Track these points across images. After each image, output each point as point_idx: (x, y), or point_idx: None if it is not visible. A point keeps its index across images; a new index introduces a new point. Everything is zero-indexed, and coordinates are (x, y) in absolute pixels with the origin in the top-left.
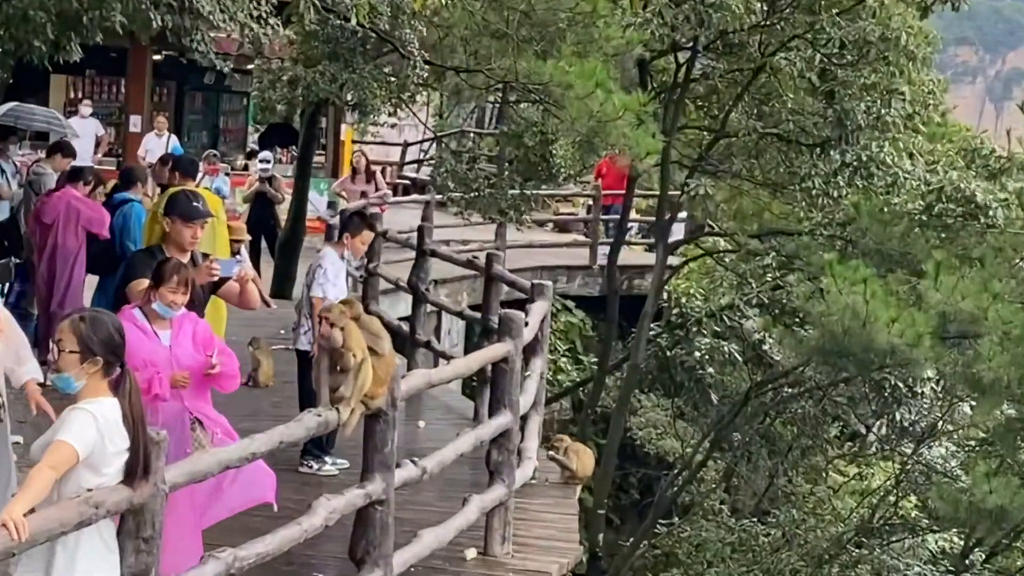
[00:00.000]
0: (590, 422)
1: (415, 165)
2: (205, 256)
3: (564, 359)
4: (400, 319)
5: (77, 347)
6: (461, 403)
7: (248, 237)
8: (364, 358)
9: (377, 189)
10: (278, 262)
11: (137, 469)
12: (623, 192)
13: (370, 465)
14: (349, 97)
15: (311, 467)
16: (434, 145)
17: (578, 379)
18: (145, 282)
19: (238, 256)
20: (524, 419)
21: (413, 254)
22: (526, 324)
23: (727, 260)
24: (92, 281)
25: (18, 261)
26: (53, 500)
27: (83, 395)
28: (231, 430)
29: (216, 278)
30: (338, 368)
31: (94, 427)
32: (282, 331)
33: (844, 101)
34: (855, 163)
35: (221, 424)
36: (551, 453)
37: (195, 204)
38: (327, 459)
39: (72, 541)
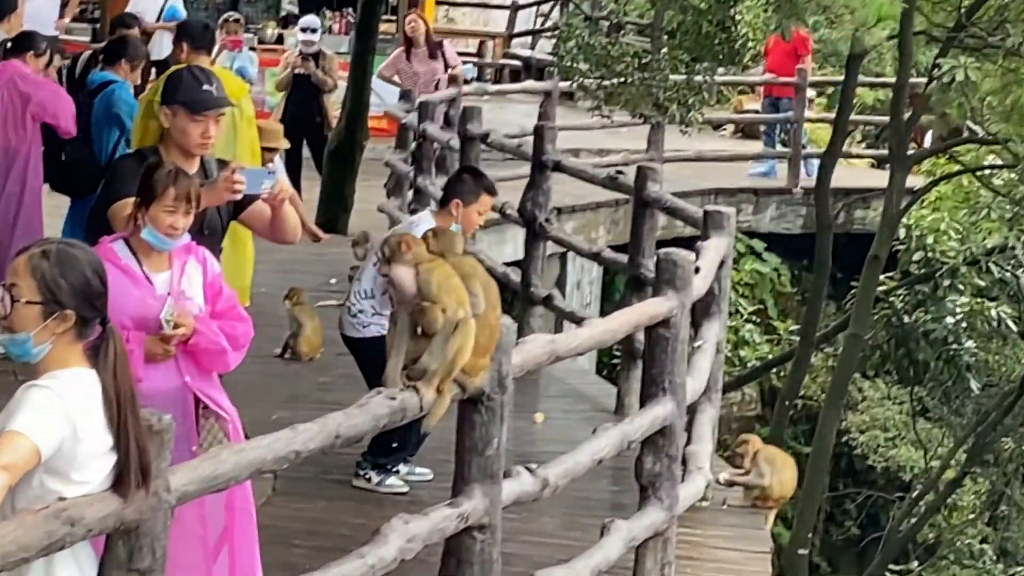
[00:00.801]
0: (788, 420)
1: (529, 38)
2: (222, 165)
3: (750, 326)
4: (507, 264)
5: (38, 296)
6: (597, 387)
7: (285, 143)
8: (465, 317)
9: (447, 68)
10: (327, 178)
11: (128, 472)
12: (797, 81)
13: (466, 474)
14: None
15: (368, 479)
16: (557, 8)
17: (770, 355)
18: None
19: (270, 166)
20: (692, 412)
21: (526, 169)
22: (696, 271)
23: (997, 181)
24: (62, 206)
25: None
26: (6, 515)
27: (47, 365)
28: (240, 430)
29: (238, 196)
30: (418, 330)
31: (60, 413)
32: (333, 279)
33: None
34: None
35: (234, 419)
36: (729, 476)
37: (206, 88)
38: (400, 467)
39: (39, 572)
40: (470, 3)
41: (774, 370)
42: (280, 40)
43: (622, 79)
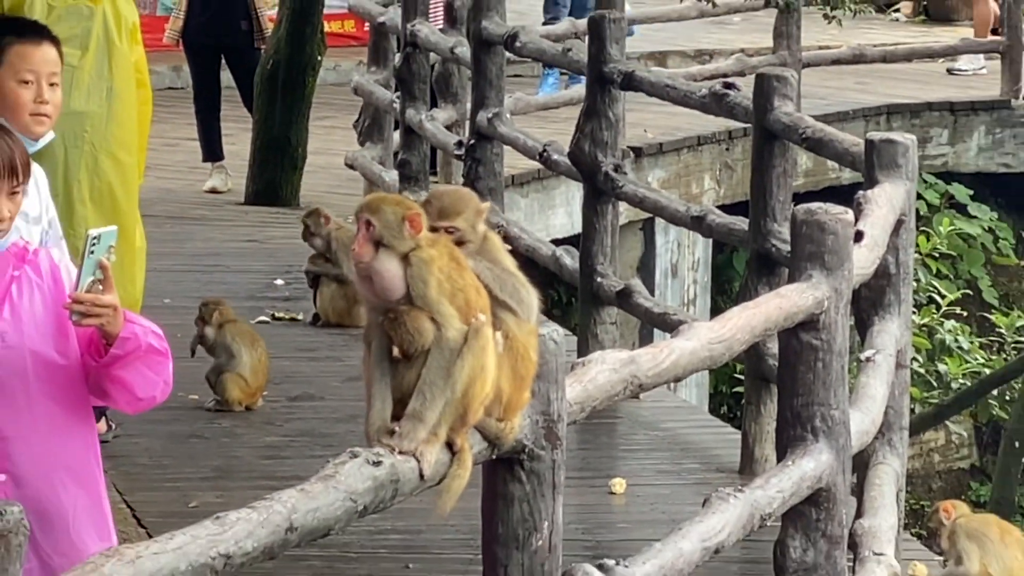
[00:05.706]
0: (1019, 471)
1: None
2: None
3: (953, 324)
4: (556, 242)
5: None
6: (710, 432)
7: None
8: (478, 327)
9: None
10: (262, 118)
11: None
12: None
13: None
14: None
15: None
16: None
17: (988, 370)
18: None
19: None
20: (863, 465)
21: (580, 88)
22: (857, 239)
23: None
24: None
25: None
26: None
27: None
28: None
29: None
30: (397, 350)
31: None
32: (278, 280)
33: None
34: None
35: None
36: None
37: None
38: None
39: None
40: None
41: (995, 393)
42: None
43: None
